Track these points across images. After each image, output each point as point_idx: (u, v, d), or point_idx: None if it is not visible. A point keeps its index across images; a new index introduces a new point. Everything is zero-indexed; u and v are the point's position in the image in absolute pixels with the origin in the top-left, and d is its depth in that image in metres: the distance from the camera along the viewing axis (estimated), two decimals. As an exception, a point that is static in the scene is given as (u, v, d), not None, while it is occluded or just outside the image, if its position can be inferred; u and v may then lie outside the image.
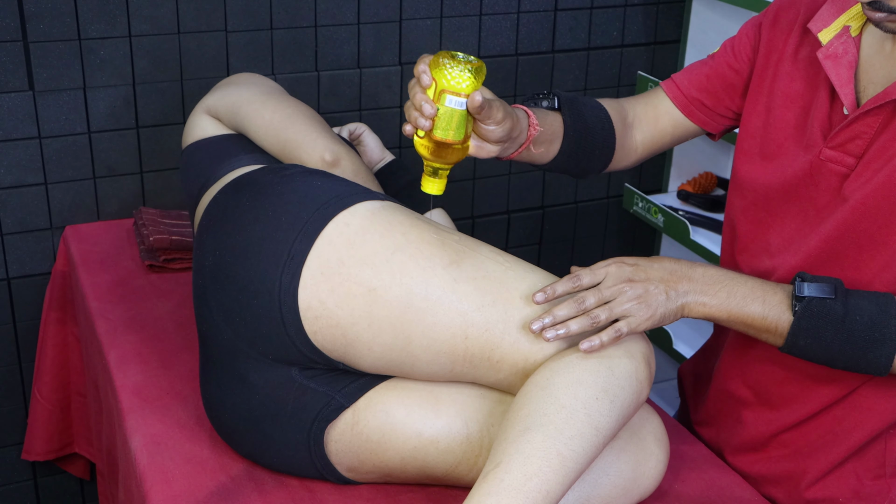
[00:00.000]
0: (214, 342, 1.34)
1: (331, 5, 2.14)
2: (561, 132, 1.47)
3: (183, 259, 1.92)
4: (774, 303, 1.27)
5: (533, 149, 1.43)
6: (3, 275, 2.06)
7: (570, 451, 1.13)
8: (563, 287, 1.24)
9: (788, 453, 1.44)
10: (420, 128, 1.24)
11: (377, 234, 1.26)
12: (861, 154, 1.32)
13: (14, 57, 1.93)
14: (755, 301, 1.28)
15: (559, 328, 1.21)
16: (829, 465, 1.41)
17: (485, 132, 1.30)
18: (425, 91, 1.24)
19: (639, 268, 1.27)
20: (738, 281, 1.29)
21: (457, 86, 1.22)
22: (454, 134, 1.24)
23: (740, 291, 1.28)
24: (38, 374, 2.04)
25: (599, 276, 1.26)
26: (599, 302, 1.24)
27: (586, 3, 2.39)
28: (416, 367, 1.27)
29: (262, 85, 1.64)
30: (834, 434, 1.40)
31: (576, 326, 1.22)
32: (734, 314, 1.28)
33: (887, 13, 1.22)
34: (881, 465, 1.40)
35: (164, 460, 1.39)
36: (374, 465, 1.32)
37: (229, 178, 1.46)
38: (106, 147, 2.06)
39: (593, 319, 1.22)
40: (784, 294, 1.28)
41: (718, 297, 1.28)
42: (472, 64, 1.24)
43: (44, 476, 2.23)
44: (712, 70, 1.53)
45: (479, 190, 2.45)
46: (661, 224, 2.45)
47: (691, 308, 1.28)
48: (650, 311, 1.24)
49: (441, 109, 1.23)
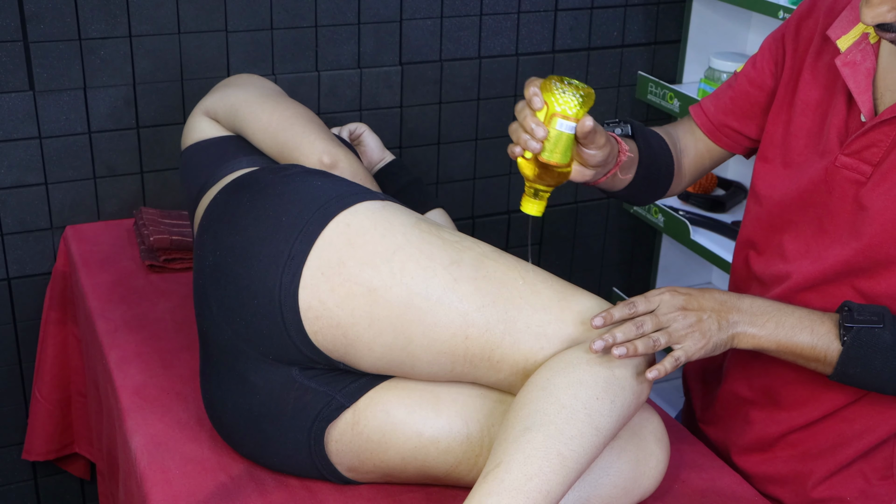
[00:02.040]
0: (215, 342, 1.34)
1: (331, 5, 2.14)
2: (637, 159, 1.49)
3: (183, 259, 1.92)
4: (822, 332, 1.28)
5: (620, 174, 1.44)
6: (4, 275, 2.06)
7: (570, 451, 1.13)
8: (619, 313, 1.25)
9: (796, 454, 1.44)
10: (530, 150, 1.25)
11: (378, 235, 1.26)
12: (877, 162, 1.32)
13: (14, 57, 1.94)
14: (804, 331, 1.28)
15: (628, 345, 1.21)
16: (837, 466, 1.41)
17: (587, 157, 1.31)
18: (535, 114, 1.25)
19: (691, 297, 1.28)
20: (785, 311, 1.30)
21: (568, 110, 1.24)
22: (560, 157, 1.26)
23: (788, 322, 1.29)
24: (38, 374, 2.04)
25: (654, 303, 1.27)
26: (657, 327, 1.25)
27: (586, 3, 2.39)
28: (417, 367, 1.27)
29: (260, 87, 1.64)
30: (843, 436, 1.40)
31: (642, 347, 1.22)
32: (783, 344, 1.29)
33: None
34: (889, 466, 1.40)
35: (165, 460, 1.39)
36: (374, 464, 1.32)
37: (229, 179, 1.46)
38: (106, 147, 2.06)
39: (654, 342, 1.23)
40: (832, 323, 1.29)
41: (767, 328, 1.29)
42: (582, 89, 1.26)
43: (44, 476, 2.23)
44: (736, 91, 1.54)
45: (479, 190, 2.45)
46: (662, 224, 2.45)
47: (741, 339, 1.29)
48: (704, 339, 1.25)
49: (551, 132, 1.25)
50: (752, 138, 1.55)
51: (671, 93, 2.39)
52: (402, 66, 2.25)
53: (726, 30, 2.48)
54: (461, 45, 2.29)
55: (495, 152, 2.42)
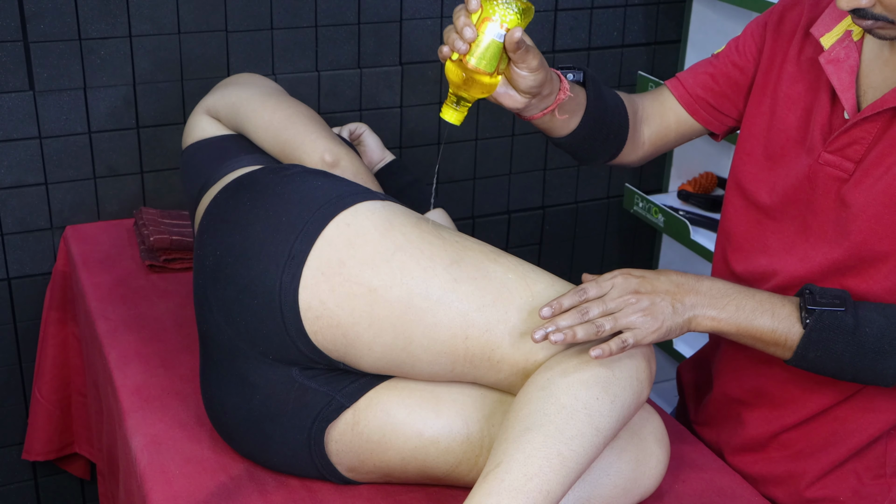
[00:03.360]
0: (215, 342, 1.34)
1: (331, 5, 2.14)
2: (583, 107, 1.46)
3: (183, 259, 1.92)
4: (783, 315, 1.27)
5: (557, 114, 1.41)
6: (4, 275, 2.06)
7: (570, 452, 1.13)
8: (569, 300, 1.23)
9: (789, 454, 1.44)
10: (457, 50, 1.23)
11: (378, 234, 1.26)
12: (859, 159, 1.32)
13: (14, 57, 1.94)
14: (764, 314, 1.27)
15: (566, 330, 1.20)
16: (830, 465, 1.41)
17: (516, 77, 1.29)
18: (470, 16, 1.24)
19: (645, 280, 1.26)
20: (746, 294, 1.28)
21: (501, 17, 1.23)
22: (487, 64, 1.24)
23: (749, 305, 1.27)
24: (38, 374, 2.04)
25: (605, 287, 1.25)
26: (604, 313, 1.23)
27: (586, 3, 2.39)
28: (417, 367, 1.27)
29: (261, 85, 1.64)
30: (835, 435, 1.40)
31: (581, 333, 1.20)
32: (743, 327, 1.27)
33: (873, 20, 1.22)
34: (882, 465, 1.40)
35: (165, 460, 1.39)
36: (374, 464, 1.32)
37: (229, 179, 1.46)
38: (106, 147, 2.06)
39: (598, 328, 1.21)
40: (793, 306, 1.28)
41: (727, 311, 1.27)
42: (521, 3, 1.24)
43: (44, 476, 2.23)
44: (717, 69, 1.53)
45: (479, 190, 2.45)
46: (662, 224, 2.45)
47: (699, 321, 1.27)
48: (656, 323, 1.23)
49: (480, 37, 1.23)
50: (730, 117, 1.54)
51: (671, 93, 2.39)
52: (402, 66, 2.25)
53: (726, 30, 2.47)
54: (461, 45, 2.29)
55: (495, 152, 2.42)
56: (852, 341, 1.25)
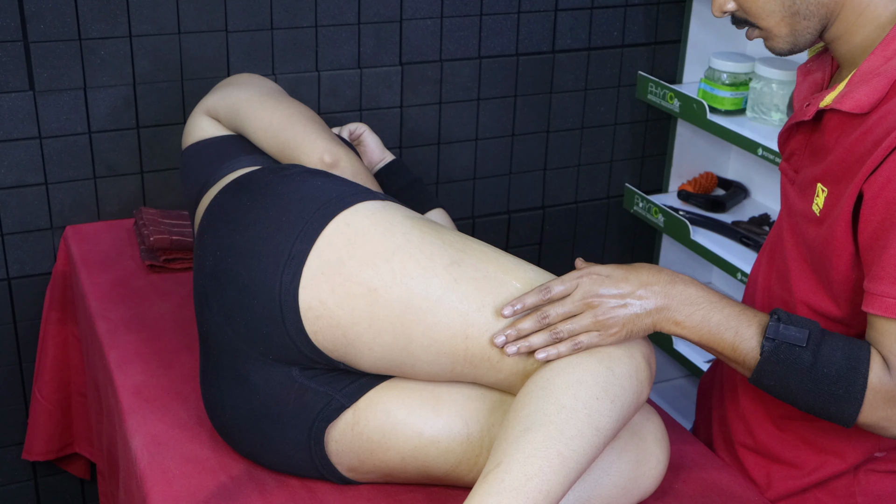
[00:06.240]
0: (215, 342, 1.34)
1: (331, 5, 2.14)
2: None
3: (183, 259, 1.92)
4: (747, 336, 1.23)
5: None
6: (4, 275, 2.06)
7: (570, 452, 1.13)
8: (532, 299, 1.22)
9: None
10: None
11: (378, 234, 1.26)
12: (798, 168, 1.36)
13: (14, 57, 1.94)
14: (728, 331, 1.23)
15: (521, 342, 1.21)
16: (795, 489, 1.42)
17: None
18: None
19: (612, 280, 1.23)
20: (716, 307, 1.24)
21: None
22: None
23: (715, 318, 1.24)
24: (38, 374, 2.04)
25: (570, 287, 1.23)
26: (564, 316, 1.22)
27: (586, 3, 2.39)
28: (417, 367, 1.27)
29: (261, 86, 1.64)
30: (798, 464, 1.41)
31: (538, 341, 1.21)
32: (705, 339, 1.25)
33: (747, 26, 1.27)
34: (851, 495, 1.40)
35: (165, 460, 1.39)
36: (374, 464, 1.32)
37: (229, 179, 1.46)
38: (106, 147, 2.06)
39: (556, 335, 1.21)
40: (758, 328, 1.23)
41: (692, 320, 1.24)
42: None
43: (44, 476, 2.23)
44: None
45: (479, 190, 2.45)
46: (662, 224, 2.45)
47: (662, 325, 1.24)
48: (616, 326, 1.22)
49: None
50: None
51: (671, 93, 2.39)
52: (402, 66, 2.25)
53: (726, 30, 2.48)
54: (461, 45, 2.29)
55: (495, 152, 2.42)
56: (807, 379, 1.20)
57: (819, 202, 1.28)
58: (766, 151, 2.14)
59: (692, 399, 2.54)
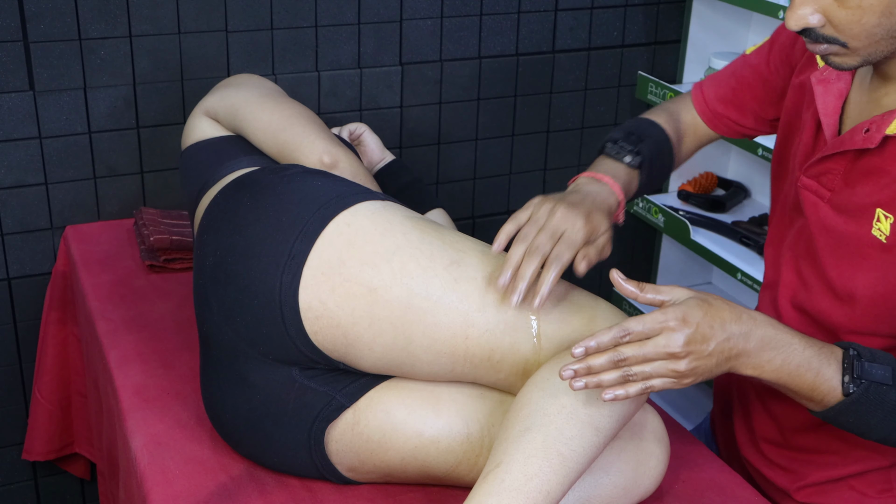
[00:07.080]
0: (215, 342, 1.34)
1: (331, 5, 2.14)
2: (636, 188, 1.49)
3: (183, 259, 1.92)
4: (828, 376, 1.19)
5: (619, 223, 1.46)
6: (4, 275, 2.06)
7: (570, 452, 1.13)
8: (609, 338, 1.13)
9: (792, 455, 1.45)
10: None
11: (378, 234, 1.26)
12: (834, 188, 1.30)
13: (14, 57, 1.94)
14: (809, 371, 1.19)
15: (590, 379, 1.12)
16: (828, 478, 1.41)
17: None
18: None
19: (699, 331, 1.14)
20: (794, 349, 1.18)
21: None
22: None
23: (795, 360, 1.19)
24: (38, 374, 2.04)
25: (650, 331, 1.13)
26: (641, 360, 1.13)
27: (586, 3, 2.39)
28: (417, 367, 1.27)
29: (260, 86, 1.64)
30: (837, 454, 1.40)
31: (609, 379, 1.12)
32: (783, 381, 1.20)
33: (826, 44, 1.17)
34: (890, 489, 1.40)
35: (165, 460, 1.39)
36: (374, 464, 1.32)
37: (229, 180, 1.46)
38: (106, 147, 2.06)
39: (628, 375, 1.13)
40: (837, 366, 1.19)
41: (772, 364, 1.18)
42: None
43: (44, 476, 2.23)
44: (739, 83, 1.52)
45: (479, 190, 2.45)
46: (662, 224, 2.45)
47: (739, 370, 1.19)
48: (691, 377, 1.16)
49: None
50: (749, 127, 1.55)
51: (671, 93, 2.39)
52: (402, 66, 2.25)
53: (726, 30, 2.48)
54: (461, 45, 2.29)
55: (495, 152, 2.42)
56: (891, 415, 1.19)
57: (883, 228, 1.24)
58: (766, 152, 2.14)
59: (692, 399, 2.55)
